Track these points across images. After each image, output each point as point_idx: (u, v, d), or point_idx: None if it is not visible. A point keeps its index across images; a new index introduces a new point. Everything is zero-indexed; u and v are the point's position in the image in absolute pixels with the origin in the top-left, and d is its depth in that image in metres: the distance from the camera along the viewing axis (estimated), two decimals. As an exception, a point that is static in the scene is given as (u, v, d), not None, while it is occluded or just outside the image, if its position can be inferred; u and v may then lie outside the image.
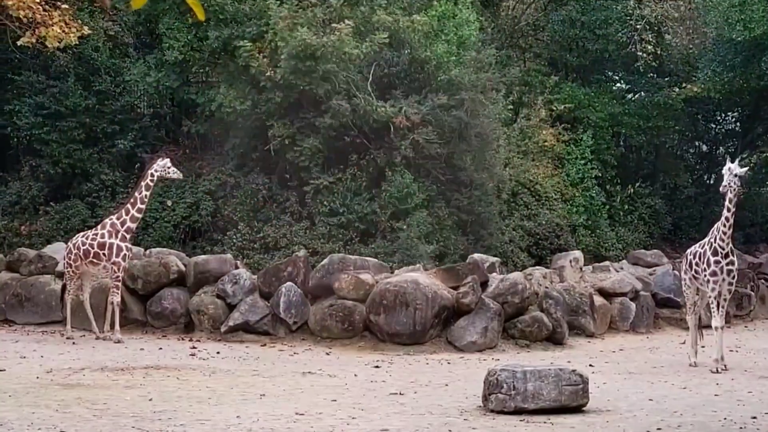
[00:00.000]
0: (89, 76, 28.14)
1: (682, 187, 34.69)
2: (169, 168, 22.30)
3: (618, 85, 35.28)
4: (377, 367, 19.35)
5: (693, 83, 33.24)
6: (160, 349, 20.92)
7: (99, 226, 22.59)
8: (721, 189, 19.12)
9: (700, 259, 19.68)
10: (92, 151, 27.59)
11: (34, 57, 28.08)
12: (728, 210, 18.99)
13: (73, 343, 21.59)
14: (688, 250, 20.72)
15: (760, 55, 30.75)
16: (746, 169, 20.30)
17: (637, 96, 34.78)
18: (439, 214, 26.34)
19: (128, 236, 22.24)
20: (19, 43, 25.56)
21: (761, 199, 35.32)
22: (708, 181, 35.67)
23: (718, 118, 37.06)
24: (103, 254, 22.03)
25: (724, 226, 19.12)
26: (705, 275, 19.45)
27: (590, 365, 19.40)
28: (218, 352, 20.63)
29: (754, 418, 14.49)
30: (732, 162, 19.22)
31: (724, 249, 19.25)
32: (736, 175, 18.79)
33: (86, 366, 18.26)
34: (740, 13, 29.76)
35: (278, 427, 13.30)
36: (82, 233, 22.97)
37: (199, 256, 24.36)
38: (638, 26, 32.28)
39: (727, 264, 19.31)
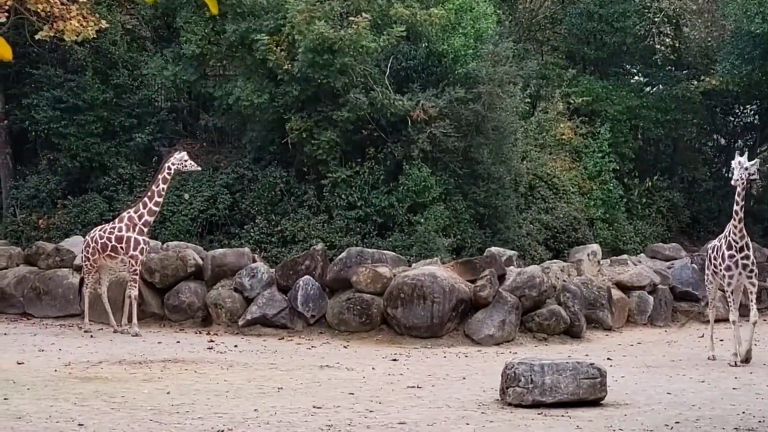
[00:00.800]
0: (107, 70, 28.20)
1: (701, 180, 34.54)
2: (186, 161, 22.31)
3: (636, 78, 35.15)
4: (395, 360, 19.35)
5: (711, 76, 33.07)
6: (178, 342, 20.95)
7: (116, 220, 22.62)
8: (732, 182, 19.07)
9: (716, 253, 19.64)
10: (110, 145, 27.64)
11: (52, 51, 28.16)
12: (737, 204, 18.95)
13: (91, 336, 21.63)
14: (708, 245, 20.68)
15: (779, 47, 30.62)
16: (757, 161, 20.22)
17: (655, 89, 34.64)
18: (456, 208, 26.31)
19: (146, 230, 22.26)
20: (37, 36, 25.66)
21: (780, 193, 35.15)
22: (726, 175, 35.39)
23: (737, 111, 36.90)
24: (121, 248, 22.05)
25: (735, 219, 19.08)
26: (720, 269, 19.41)
27: (608, 359, 19.35)
28: (236, 346, 20.64)
29: (773, 411, 14.43)
30: (742, 156, 19.15)
31: (738, 243, 19.17)
32: (746, 169, 18.75)
33: (104, 359, 18.28)
34: (759, 5, 29.61)
35: (296, 421, 13.28)
36: (99, 227, 23.01)
37: (217, 249, 24.38)
38: (656, 19, 32.15)
39: (742, 258, 19.22)
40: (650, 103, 33.02)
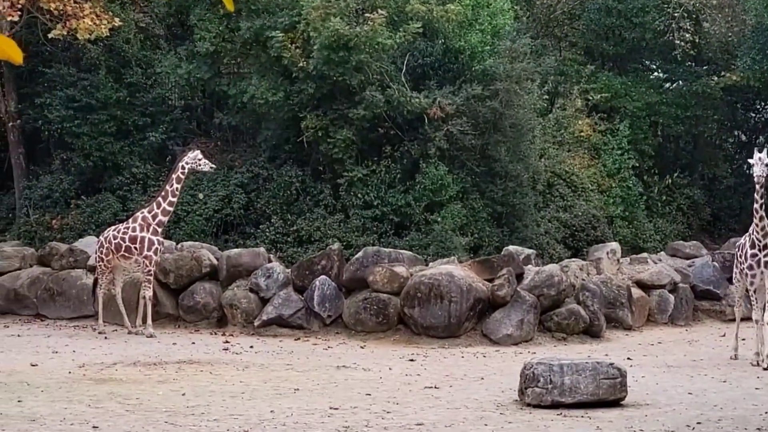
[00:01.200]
0: (120, 69, 28.11)
1: (721, 177, 34.33)
2: (200, 160, 22.20)
3: (655, 74, 34.94)
4: (412, 360, 19.26)
5: (732, 72, 32.78)
6: (193, 343, 20.88)
7: (130, 220, 22.52)
8: (755, 179, 18.86)
9: (741, 251, 19.45)
10: (123, 144, 27.54)
11: (65, 49, 28.12)
12: (756, 201, 18.79)
13: (105, 337, 21.56)
14: (737, 242, 20.47)
15: (800, 43, 30.37)
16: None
17: (674, 85, 34.44)
18: (473, 206, 26.16)
19: (160, 230, 22.16)
20: (50, 35, 25.64)
21: (803, 189, 34.89)
22: (747, 171, 35.19)
23: (758, 106, 36.68)
24: (135, 248, 21.93)
25: (756, 217, 18.89)
26: (743, 268, 19.21)
27: (628, 358, 19.22)
28: (251, 347, 20.56)
29: (798, 412, 14.23)
30: (761, 151, 18.93)
31: (761, 241, 18.99)
32: (766, 165, 18.56)
33: (118, 361, 18.23)
34: (779, 0, 29.40)
35: (312, 422, 13.18)
36: (113, 227, 22.93)
37: (232, 249, 24.29)
38: (676, 14, 31.88)
39: (765, 256, 19.00)
40: (670, 100, 32.83)
